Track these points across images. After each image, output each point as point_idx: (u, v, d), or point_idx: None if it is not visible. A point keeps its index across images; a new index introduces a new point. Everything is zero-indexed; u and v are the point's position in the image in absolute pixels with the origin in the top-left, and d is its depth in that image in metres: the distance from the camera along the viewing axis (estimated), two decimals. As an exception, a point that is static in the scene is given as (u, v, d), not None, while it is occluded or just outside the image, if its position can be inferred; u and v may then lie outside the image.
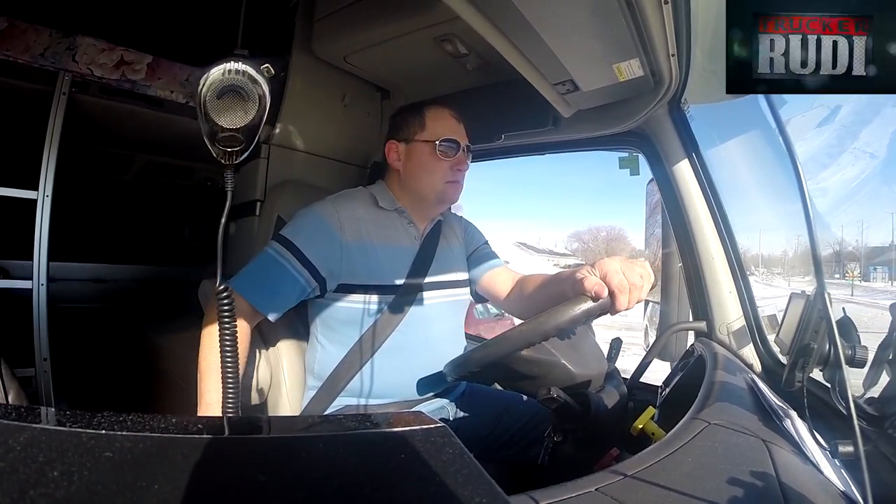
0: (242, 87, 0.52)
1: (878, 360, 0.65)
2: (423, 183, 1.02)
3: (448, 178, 1.01)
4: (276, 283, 0.91)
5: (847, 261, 8.40)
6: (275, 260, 0.92)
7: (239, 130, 0.54)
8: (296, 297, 0.93)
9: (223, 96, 0.53)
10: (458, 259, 1.14)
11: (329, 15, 1.19)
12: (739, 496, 0.47)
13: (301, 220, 0.96)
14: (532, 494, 0.44)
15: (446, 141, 1.00)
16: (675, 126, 1.10)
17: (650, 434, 0.71)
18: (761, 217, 1.11)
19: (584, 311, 0.67)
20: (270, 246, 0.94)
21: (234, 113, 0.53)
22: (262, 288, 0.91)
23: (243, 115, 0.53)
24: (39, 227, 1.45)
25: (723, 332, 1.09)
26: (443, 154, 1.00)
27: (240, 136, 0.55)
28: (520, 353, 0.70)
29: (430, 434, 0.37)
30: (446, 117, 1.03)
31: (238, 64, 0.52)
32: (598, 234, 50.96)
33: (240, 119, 0.53)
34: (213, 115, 0.53)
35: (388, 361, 0.97)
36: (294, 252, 0.92)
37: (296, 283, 0.92)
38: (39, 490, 0.27)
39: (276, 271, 0.91)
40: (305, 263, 0.92)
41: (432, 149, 1.00)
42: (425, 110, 1.04)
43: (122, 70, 1.54)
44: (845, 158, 45.34)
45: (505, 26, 0.78)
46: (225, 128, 0.54)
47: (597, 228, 52.96)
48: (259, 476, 0.31)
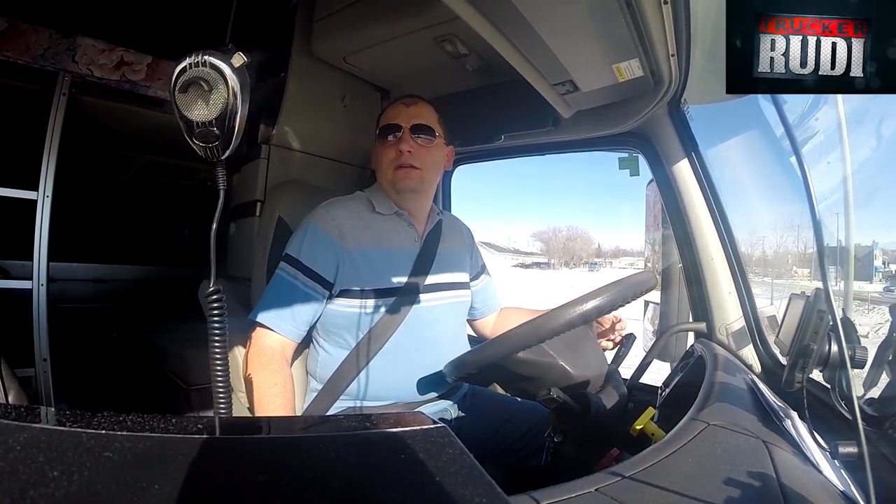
0: (204, 78, 0.51)
1: (878, 361, 0.65)
2: (380, 176, 1.04)
3: (395, 164, 0.99)
4: (295, 303, 0.93)
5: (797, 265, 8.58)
6: (287, 282, 0.94)
7: (212, 124, 0.52)
8: (314, 310, 0.96)
9: (188, 89, 0.51)
10: (460, 260, 1.14)
11: (329, 15, 1.19)
12: (739, 497, 0.47)
13: (301, 234, 0.98)
14: (532, 494, 0.44)
15: (385, 126, 1.01)
16: (674, 126, 1.10)
17: (650, 434, 0.71)
18: (745, 217, 1.12)
19: (595, 307, 0.67)
20: (280, 268, 0.96)
21: (199, 106, 0.52)
22: (284, 312, 0.93)
23: (207, 108, 0.52)
24: (39, 228, 1.45)
25: (722, 332, 1.09)
26: (383, 140, 1.01)
27: (214, 130, 0.53)
28: (515, 356, 0.70)
29: (430, 434, 0.37)
30: (395, 106, 1.04)
31: (199, 56, 0.51)
32: (559, 233, 52.12)
33: (206, 111, 0.52)
34: (183, 110, 0.52)
35: (390, 363, 0.97)
36: (301, 268, 0.94)
37: (311, 299, 0.94)
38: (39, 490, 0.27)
39: (291, 292, 0.93)
40: (313, 276, 0.94)
41: (379, 139, 1.02)
42: (387, 107, 1.06)
43: (122, 70, 1.54)
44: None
45: (505, 26, 0.78)
46: (196, 122, 0.52)
47: (557, 228, 54.20)
48: (259, 476, 0.31)
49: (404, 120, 1.00)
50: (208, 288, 0.58)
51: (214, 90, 0.51)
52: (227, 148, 0.55)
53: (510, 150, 1.44)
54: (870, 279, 14.92)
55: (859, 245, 13.34)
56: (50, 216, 1.46)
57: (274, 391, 0.86)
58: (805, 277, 2.84)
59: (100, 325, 2.56)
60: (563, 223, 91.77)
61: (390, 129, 1.00)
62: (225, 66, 0.51)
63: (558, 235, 51.76)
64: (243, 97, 0.53)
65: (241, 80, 0.52)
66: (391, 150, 0.99)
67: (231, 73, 0.52)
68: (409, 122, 1.00)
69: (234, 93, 0.52)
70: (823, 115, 0.95)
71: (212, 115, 0.52)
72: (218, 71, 0.51)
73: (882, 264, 18.23)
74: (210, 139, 0.54)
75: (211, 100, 0.52)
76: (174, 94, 0.52)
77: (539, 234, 54.35)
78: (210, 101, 0.52)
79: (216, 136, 0.53)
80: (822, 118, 0.95)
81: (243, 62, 0.53)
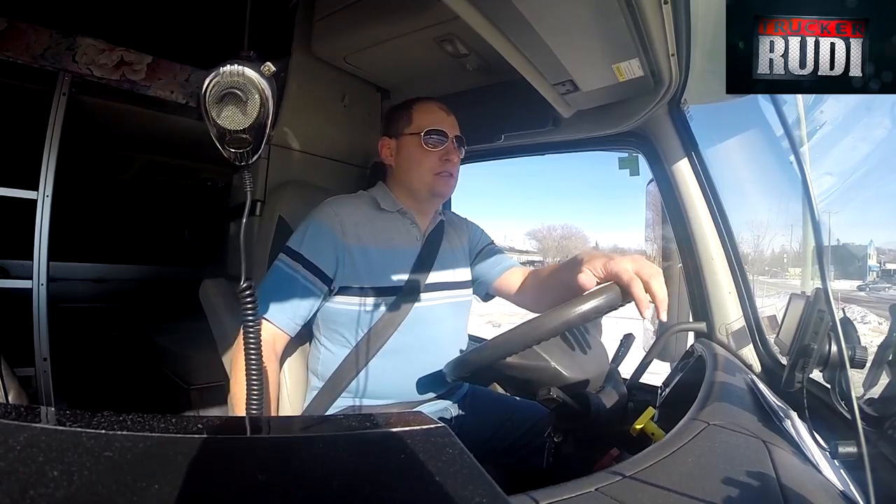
0: (240, 89, 0.53)
1: (878, 361, 0.65)
2: (412, 176, 1.02)
3: (437, 170, 1.00)
4: (292, 296, 0.92)
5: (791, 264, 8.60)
6: (287, 274, 0.93)
7: (245, 131, 0.55)
8: (312, 306, 0.95)
9: (223, 100, 0.53)
10: (461, 260, 1.14)
11: (329, 15, 1.19)
12: (739, 496, 0.46)
13: (304, 229, 0.97)
14: (532, 494, 0.44)
15: (432, 132, 0.99)
16: (674, 126, 1.10)
17: (650, 434, 0.71)
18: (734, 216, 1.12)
19: (593, 308, 0.67)
20: (280, 260, 0.95)
21: (235, 115, 0.54)
22: (280, 303, 0.92)
23: (244, 117, 0.54)
24: (39, 227, 1.45)
25: (722, 332, 1.09)
26: (429, 145, 0.99)
27: (247, 138, 0.55)
28: (508, 360, 0.70)
29: (430, 434, 0.37)
30: (434, 110, 1.03)
31: (234, 66, 0.53)
32: (553, 231, 52.32)
33: (241, 121, 0.54)
34: (217, 119, 0.54)
35: (390, 362, 0.97)
36: (301, 261, 0.93)
37: (309, 293, 0.93)
38: (39, 490, 0.27)
39: (290, 284, 0.92)
40: (314, 270, 0.93)
41: (419, 141, 0.99)
42: (413, 105, 1.04)
43: (122, 70, 1.54)
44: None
45: (505, 26, 0.78)
46: (230, 130, 0.54)
47: (552, 227, 54.43)
48: (259, 476, 0.31)
49: (448, 128, 1.01)
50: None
51: (250, 99, 0.54)
52: (258, 152, 0.58)
53: (510, 149, 1.44)
54: (864, 277, 14.86)
55: (854, 244, 13.28)
56: (50, 216, 1.46)
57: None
58: (795, 276, 2.84)
59: (100, 324, 2.56)
60: (559, 222, 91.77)
61: (436, 135, 1.00)
62: (259, 76, 0.54)
63: (553, 234, 51.87)
64: (273, 104, 0.55)
65: (271, 88, 0.55)
66: (434, 156, 1.00)
67: (265, 83, 0.54)
68: (452, 131, 1.02)
69: (267, 101, 0.54)
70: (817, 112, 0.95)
71: (247, 123, 0.54)
72: (252, 81, 0.54)
73: (878, 263, 18.20)
74: (243, 145, 0.56)
75: (247, 109, 0.54)
76: (206, 104, 0.54)
77: (533, 232, 54.46)
78: (246, 110, 0.54)
79: (248, 143, 0.56)
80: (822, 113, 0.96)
81: (272, 71, 0.55)
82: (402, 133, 1.02)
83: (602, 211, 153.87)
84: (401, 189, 1.05)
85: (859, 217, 8.44)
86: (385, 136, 1.06)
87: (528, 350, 0.69)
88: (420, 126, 1.00)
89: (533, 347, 0.69)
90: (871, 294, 13.43)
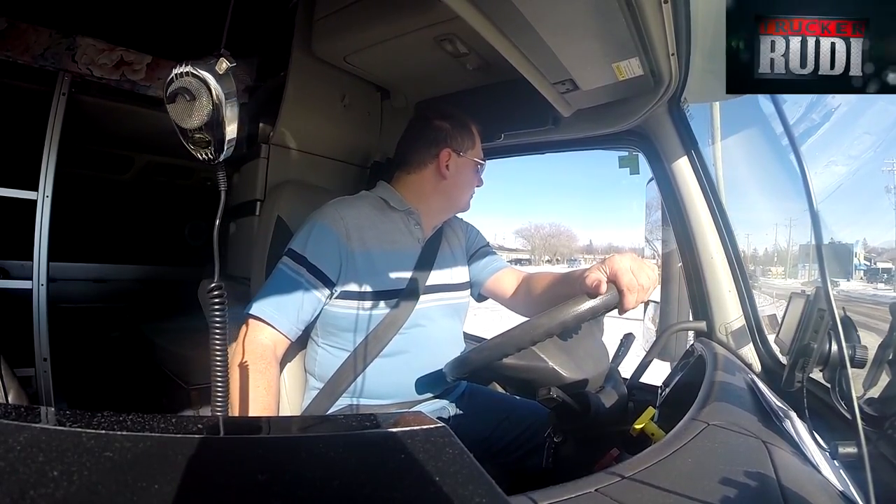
0: (186, 89, 0.53)
1: (878, 361, 0.65)
2: (461, 196, 1.09)
3: (472, 192, 1.12)
4: (295, 299, 0.91)
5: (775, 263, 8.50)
6: (290, 277, 0.92)
7: (200, 130, 0.55)
8: (314, 309, 0.94)
9: (175, 99, 0.54)
10: (459, 262, 1.14)
11: (329, 15, 1.19)
12: (739, 497, 0.46)
13: (307, 231, 0.96)
14: (531, 495, 0.44)
15: (481, 163, 1.10)
16: (674, 125, 1.10)
17: (650, 434, 0.71)
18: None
19: (590, 309, 0.67)
20: (283, 262, 0.94)
21: (186, 114, 0.54)
22: (283, 307, 0.91)
23: (192, 116, 0.54)
24: (39, 228, 1.45)
25: (722, 331, 1.09)
26: (474, 170, 1.09)
27: (204, 136, 0.55)
28: (506, 360, 0.70)
29: (430, 434, 0.37)
30: (479, 142, 1.11)
31: (184, 66, 0.53)
32: (541, 230, 52.48)
33: (191, 119, 0.54)
34: (174, 118, 0.55)
35: (389, 363, 0.97)
36: (305, 265, 0.93)
37: (312, 297, 0.93)
38: (39, 490, 0.27)
39: (293, 287, 0.91)
40: (317, 273, 0.93)
41: (475, 167, 1.09)
42: (472, 127, 1.08)
43: (122, 70, 1.54)
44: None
45: (505, 26, 0.77)
46: (186, 129, 0.55)
47: (539, 225, 54.62)
48: (259, 476, 0.31)
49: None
50: (209, 286, 0.58)
51: (197, 99, 0.54)
52: (222, 151, 0.57)
53: (510, 148, 1.44)
54: (848, 277, 14.79)
55: (839, 242, 13.22)
56: (50, 216, 1.46)
57: (254, 394, 0.83)
58: (778, 276, 2.78)
59: (100, 324, 2.56)
60: (547, 220, 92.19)
61: (480, 165, 1.10)
62: (208, 74, 0.54)
63: (540, 232, 52.09)
64: (230, 103, 0.55)
65: (226, 87, 0.55)
66: (476, 180, 1.11)
67: (215, 82, 0.54)
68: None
69: (218, 100, 0.54)
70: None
71: (198, 123, 0.54)
72: (201, 80, 0.53)
73: (867, 261, 18.11)
74: (203, 144, 0.56)
75: (195, 108, 0.54)
76: (166, 104, 0.55)
77: (521, 230, 54.76)
78: (193, 109, 0.54)
79: (207, 142, 0.56)
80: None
81: (228, 68, 0.55)
82: (467, 154, 1.06)
83: (592, 209, 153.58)
84: (434, 196, 1.06)
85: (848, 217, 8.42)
86: (449, 148, 1.04)
87: (527, 350, 0.69)
88: (479, 153, 1.10)
89: (532, 348, 0.69)
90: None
